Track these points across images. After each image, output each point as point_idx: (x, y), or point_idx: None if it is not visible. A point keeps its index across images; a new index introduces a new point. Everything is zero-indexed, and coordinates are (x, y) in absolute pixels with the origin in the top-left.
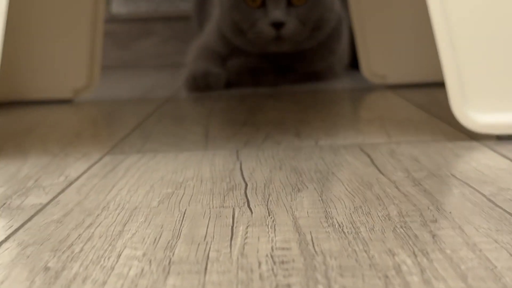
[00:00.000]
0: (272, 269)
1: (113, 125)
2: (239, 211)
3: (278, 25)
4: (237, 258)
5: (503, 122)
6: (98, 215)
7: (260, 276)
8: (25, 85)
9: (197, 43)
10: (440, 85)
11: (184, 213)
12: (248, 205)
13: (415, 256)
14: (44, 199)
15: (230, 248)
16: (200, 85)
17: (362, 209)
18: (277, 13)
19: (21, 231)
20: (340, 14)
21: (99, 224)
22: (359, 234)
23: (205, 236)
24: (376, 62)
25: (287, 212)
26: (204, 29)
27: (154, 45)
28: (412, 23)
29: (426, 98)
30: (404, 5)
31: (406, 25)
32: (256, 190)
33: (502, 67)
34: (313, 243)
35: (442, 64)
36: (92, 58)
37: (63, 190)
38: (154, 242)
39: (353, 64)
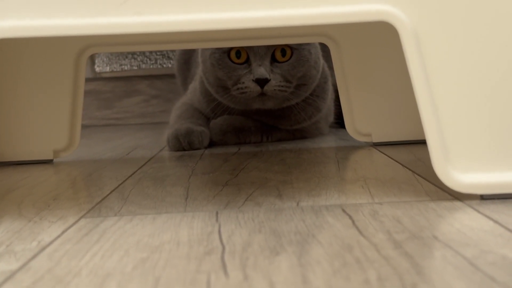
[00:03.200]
0: None
1: (92, 187)
2: (215, 277)
3: (262, 82)
4: None
5: (487, 182)
6: (69, 282)
7: None
8: (5, 147)
9: (180, 102)
10: (424, 143)
11: (158, 280)
12: (225, 270)
13: None
14: (14, 266)
15: None
16: (183, 144)
17: (341, 273)
18: (261, 69)
19: None
20: (325, 71)
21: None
22: None
23: None
24: (360, 121)
25: (264, 277)
26: (188, 88)
27: (137, 103)
28: (396, 84)
29: (410, 157)
30: (388, 66)
31: (390, 85)
32: (234, 254)
33: (484, 129)
34: None
35: (424, 125)
36: (73, 118)
37: (34, 256)
38: None
39: (340, 122)
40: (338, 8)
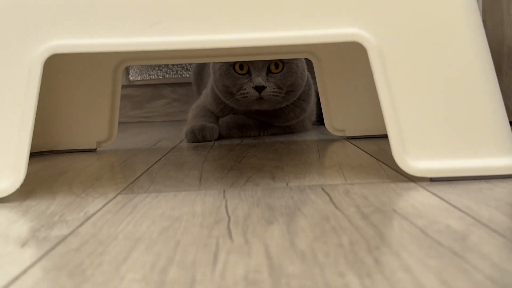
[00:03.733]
0: None
1: (126, 170)
2: (222, 241)
3: (260, 88)
4: (219, 281)
5: (434, 168)
6: (108, 244)
7: None
8: (58, 138)
9: (195, 104)
10: (386, 137)
11: (178, 243)
12: (230, 236)
13: (361, 277)
14: (65, 231)
15: (213, 272)
16: (198, 137)
17: (320, 239)
18: (259, 79)
19: (45, 258)
20: (309, 80)
21: (109, 252)
22: (317, 259)
23: (194, 262)
24: (336, 120)
25: (260, 242)
26: (201, 93)
27: (162, 105)
28: (364, 90)
29: (375, 147)
30: (358, 77)
31: (360, 91)
32: (237, 223)
33: (432, 126)
34: (279, 268)
35: (386, 122)
36: (112, 116)
37: (81, 224)
38: (152, 267)
39: (320, 120)
40: (321, 31)
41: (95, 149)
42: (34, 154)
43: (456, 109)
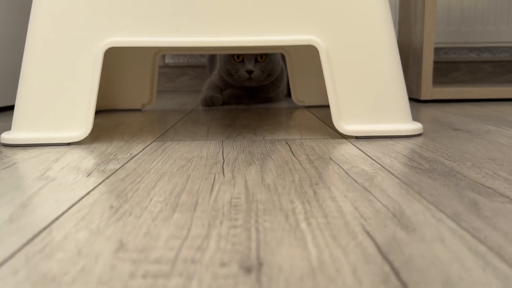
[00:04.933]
0: (229, 209)
1: (160, 125)
2: (217, 176)
3: (250, 72)
4: (213, 202)
5: (359, 129)
6: (143, 176)
7: (222, 213)
8: (115, 100)
9: (208, 80)
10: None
11: (189, 176)
12: (223, 173)
13: (303, 204)
14: (116, 166)
15: (210, 197)
16: (208, 103)
17: (281, 176)
18: (250, 65)
19: (101, 185)
20: (282, 67)
21: (143, 181)
22: (277, 190)
23: (198, 190)
24: (299, 93)
25: (242, 177)
26: (212, 73)
27: (186, 80)
28: (318, 73)
29: (324, 114)
30: (314, 64)
31: (315, 74)
32: (228, 164)
33: (358, 101)
34: (252, 195)
35: (329, 97)
36: (152, 87)
37: (127, 161)
38: (170, 193)
39: (289, 94)
40: (291, 37)
41: (141, 109)
42: (99, 112)
43: (373, 90)
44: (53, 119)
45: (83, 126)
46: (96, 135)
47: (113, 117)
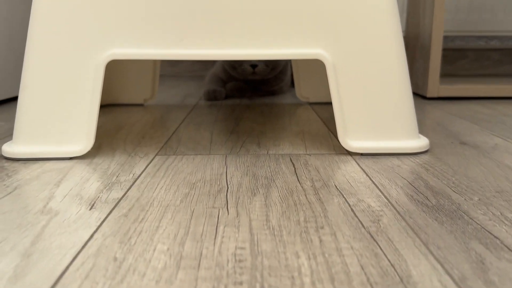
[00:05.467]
0: (234, 267)
1: (162, 128)
2: (222, 213)
3: (254, 66)
4: (217, 255)
5: (364, 146)
6: (147, 210)
7: (227, 273)
8: (117, 95)
9: (211, 72)
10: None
11: (193, 213)
12: (227, 207)
13: (309, 259)
14: (119, 194)
15: (214, 246)
16: (211, 97)
17: (286, 214)
18: (254, 60)
19: (105, 223)
20: (286, 61)
21: (147, 219)
22: (282, 237)
23: (202, 234)
24: (304, 89)
25: (247, 215)
26: (215, 65)
27: (189, 65)
28: (322, 71)
29: (328, 114)
30: (318, 62)
31: (319, 72)
32: (232, 193)
33: (364, 116)
34: (257, 244)
35: (334, 112)
36: (154, 83)
37: (130, 186)
38: (174, 238)
39: (293, 87)
40: (298, 50)
41: (143, 104)
42: (101, 107)
43: (380, 105)
44: (55, 132)
45: (84, 140)
46: (98, 144)
47: (115, 115)
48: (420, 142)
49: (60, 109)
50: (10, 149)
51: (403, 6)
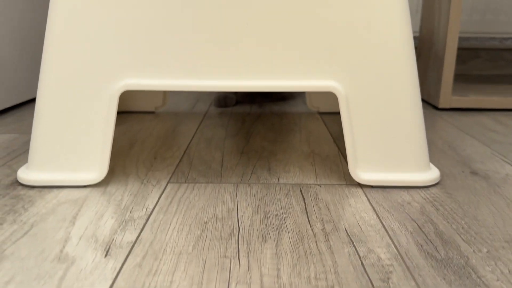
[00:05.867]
0: None
1: (174, 146)
2: (233, 265)
3: None
4: None
5: (375, 179)
6: (160, 259)
7: None
8: (130, 103)
9: None
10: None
11: (205, 264)
12: (238, 258)
13: None
14: (133, 237)
15: None
16: (222, 104)
17: (296, 268)
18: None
19: (120, 276)
20: None
21: (160, 271)
22: None
23: None
24: (314, 99)
25: (258, 269)
26: None
27: None
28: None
29: (337, 125)
30: None
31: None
32: (243, 237)
33: (375, 148)
34: None
35: (346, 144)
36: (165, 91)
37: (144, 226)
38: None
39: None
40: (308, 82)
41: (154, 111)
42: None
43: (392, 138)
44: (69, 160)
45: (98, 169)
46: (112, 166)
47: (126, 127)
48: (430, 175)
49: (74, 137)
50: (26, 175)
51: (418, 6)
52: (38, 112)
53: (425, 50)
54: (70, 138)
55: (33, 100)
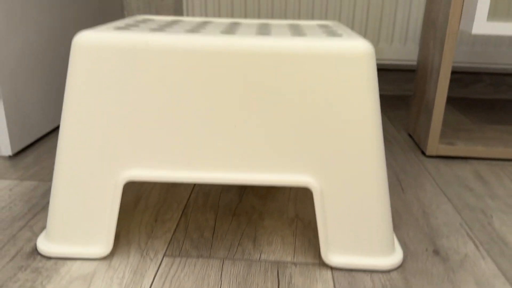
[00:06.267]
0: None
1: (173, 203)
2: None
3: None
4: None
5: (344, 262)
6: None
7: None
8: None
9: None
10: None
11: None
12: None
13: None
14: None
15: None
16: None
17: None
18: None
19: None
20: None
21: None
22: None
23: None
24: None
25: None
26: None
27: None
28: None
29: None
30: None
31: None
32: None
33: (345, 234)
34: None
35: (319, 231)
36: None
37: None
38: None
39: None
40: (288, 176)
41: None
42: None
43: (361, 226)
44: (81, 234)
45: (105, 244)
46: (117, 232)
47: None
48: (392, 260)
49: (85, 215)
50: (44, 247)
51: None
52: (54, 189)
53: (418, 99)
54: (82, 216)
55: (49, 133)
